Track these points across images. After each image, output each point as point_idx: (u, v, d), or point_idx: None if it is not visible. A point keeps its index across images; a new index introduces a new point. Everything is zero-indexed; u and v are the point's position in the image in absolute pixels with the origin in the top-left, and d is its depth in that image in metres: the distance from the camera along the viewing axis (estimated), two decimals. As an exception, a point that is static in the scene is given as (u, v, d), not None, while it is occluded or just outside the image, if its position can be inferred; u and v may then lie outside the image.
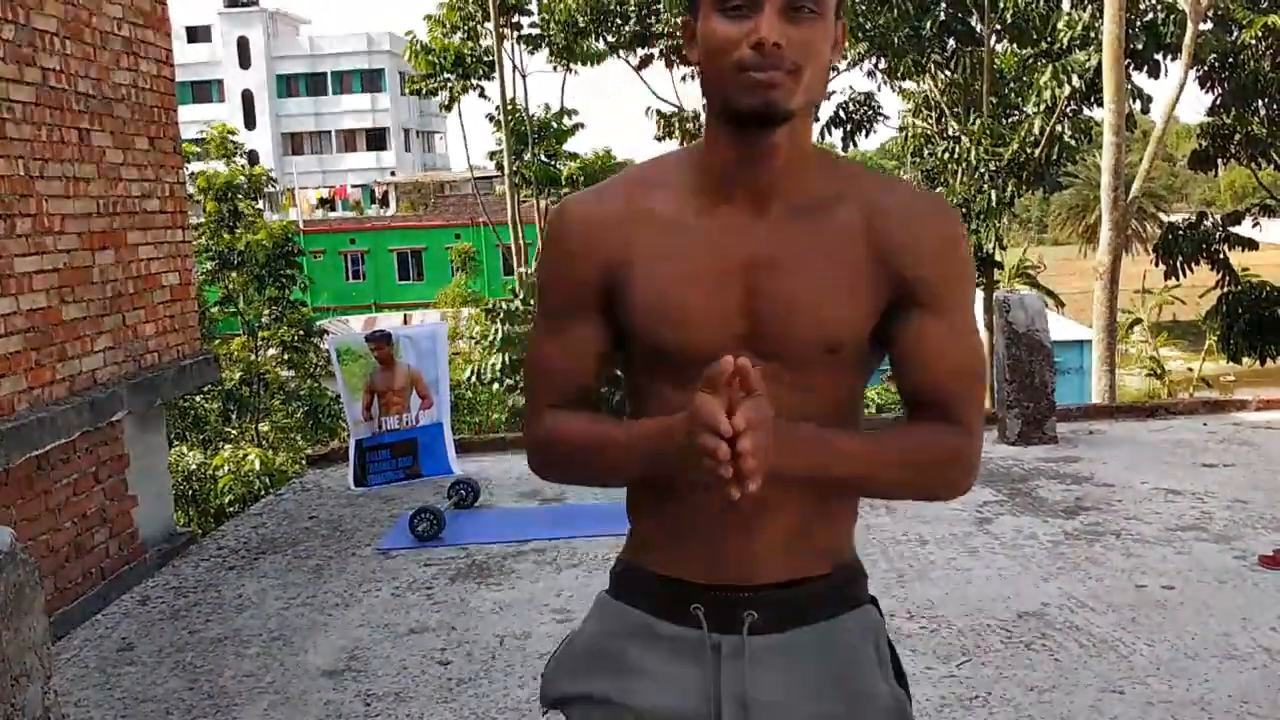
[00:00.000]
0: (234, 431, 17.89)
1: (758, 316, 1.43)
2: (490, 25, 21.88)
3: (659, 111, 21.70)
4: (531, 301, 15.32)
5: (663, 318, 1.43)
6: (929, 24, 17.58)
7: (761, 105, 1.35)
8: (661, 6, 20.42)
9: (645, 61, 21.97)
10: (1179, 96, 15.15)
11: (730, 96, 1.37)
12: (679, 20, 1.50)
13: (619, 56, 21.99)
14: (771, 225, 1.43)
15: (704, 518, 1.45)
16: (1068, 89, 16.14)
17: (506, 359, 14.75)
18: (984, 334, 19.72)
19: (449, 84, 23.29)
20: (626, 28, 21.31)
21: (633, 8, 20.87)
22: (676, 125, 21.47)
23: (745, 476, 1.23)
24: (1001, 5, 16.98)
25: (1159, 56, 16.35)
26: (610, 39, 21.56)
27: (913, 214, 1.46)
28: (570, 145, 25.48)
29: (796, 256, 1.42)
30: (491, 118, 23.86)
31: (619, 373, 1.58)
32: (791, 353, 1.43)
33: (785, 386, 1.40)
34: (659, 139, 21.66)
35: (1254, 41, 15.79)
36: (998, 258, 18.37)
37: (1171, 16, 15.54)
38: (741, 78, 1.34)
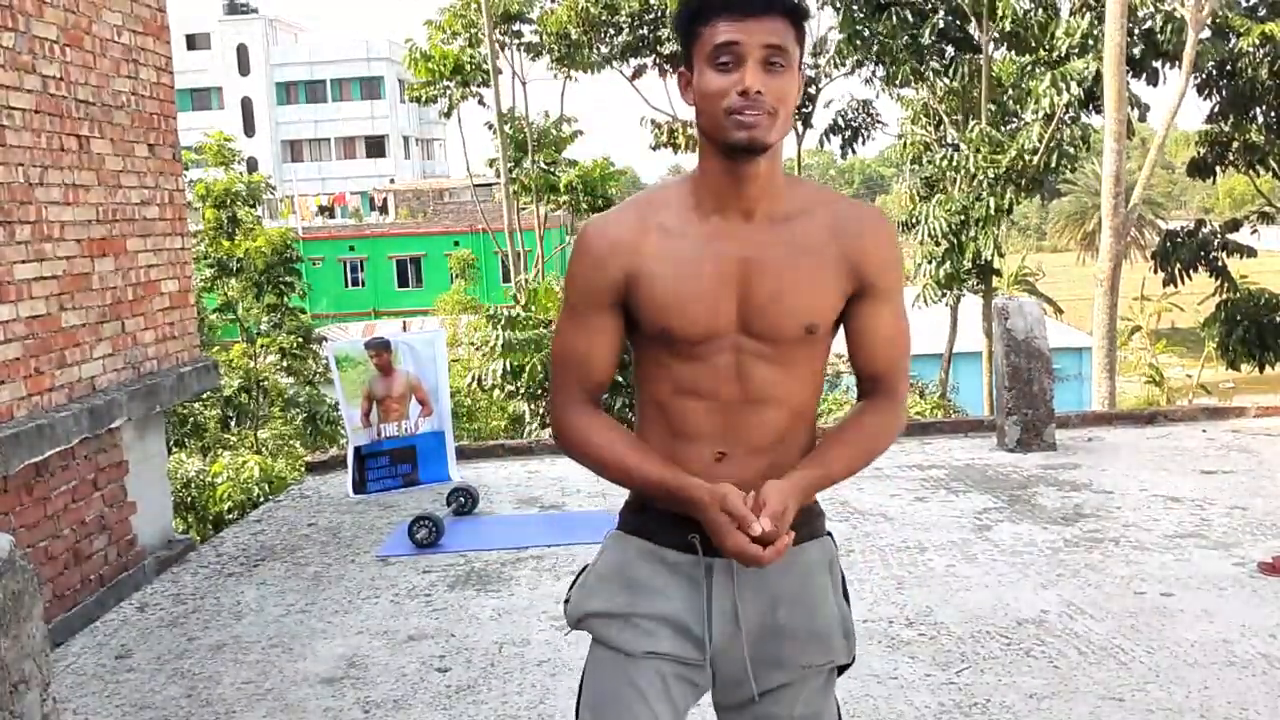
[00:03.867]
0: (233, 438, 17.86)
1: (748, 304, 1.78)
2: (491, 31, 21.91)
3: (653, 121, 21.73)
4: (532, 308, 15.39)
5: (669, 308, 1.78)
6: (927, 31, 17.60)
7: (747, 140, 1.71)
8: (653, 18, 20.45)
9: (639, 72, 22.00)
10: (1180, 104, 15.17)
11: (722, 134, 1.72)
12: (678, 71, 1.81)
13: (613, 67, 22.00)
14: (757, 231, 1.79)
15: (704, 476, 1.78)
16: (1066, 96, 16.15)
17: (507, 365, 14.73)
18: (983, 340, 19.46)
19: (448, 91, 23.33)
20: (619, 39, 21.34)
21: (624, 19, 20.89)
22: (671, 133, 21.48)
23: (764, 562, 1.68)
24: (1000, 13, 17.00)
25: (1157, 64, 16.37)
26: (604, 50, 21.59)
27: (865, 223, 1.84)
28: (569, 153, 25.49)
29: (778, 256, 1.79)
30: (490, 125, 23.87)
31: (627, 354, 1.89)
32: (777, 334, 1.79)
33: (767, 362, 1.80)
34: (654, 148, 21.69)
35: (1251, 49, 15.82)
36: (996, 265, 18.37)
37: (1170, 25, 15.55)
38: (731, 119, 1.70)
